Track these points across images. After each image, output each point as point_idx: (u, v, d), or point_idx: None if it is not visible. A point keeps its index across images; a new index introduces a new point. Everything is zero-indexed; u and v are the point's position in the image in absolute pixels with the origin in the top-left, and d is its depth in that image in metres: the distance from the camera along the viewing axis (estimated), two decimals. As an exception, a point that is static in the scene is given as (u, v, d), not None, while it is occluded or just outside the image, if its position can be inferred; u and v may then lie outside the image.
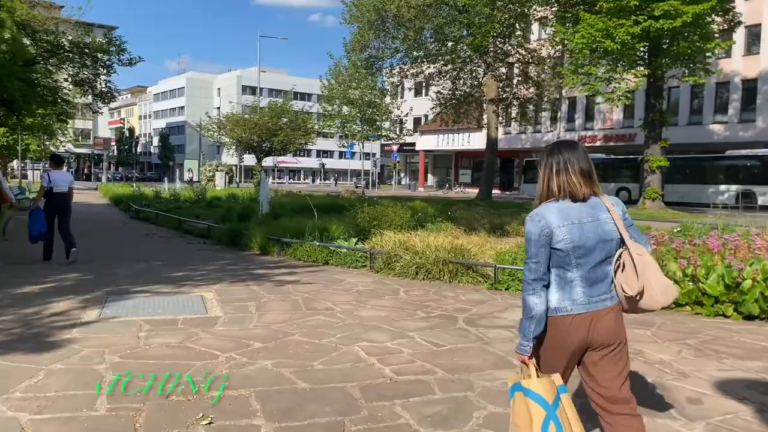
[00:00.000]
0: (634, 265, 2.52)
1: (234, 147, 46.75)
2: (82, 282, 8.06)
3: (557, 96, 35.82)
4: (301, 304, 6.91)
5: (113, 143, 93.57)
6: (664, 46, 20.39)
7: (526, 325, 2.58)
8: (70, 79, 19.32)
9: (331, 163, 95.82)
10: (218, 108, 79.23)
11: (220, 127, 45.56)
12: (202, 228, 14.71)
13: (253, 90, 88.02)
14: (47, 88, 17.55)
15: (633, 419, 2.64)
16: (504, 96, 33.13)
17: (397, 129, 44.13)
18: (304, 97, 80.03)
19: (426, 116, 56.11)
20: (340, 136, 45.84)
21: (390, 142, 50.59)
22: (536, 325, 2.57)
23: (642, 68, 20.67)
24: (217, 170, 47.39)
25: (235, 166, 59.35)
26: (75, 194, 11.00)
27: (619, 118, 44.28)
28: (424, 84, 57.17)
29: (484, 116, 37.05)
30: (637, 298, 2.56)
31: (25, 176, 42.68)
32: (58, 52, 17.74)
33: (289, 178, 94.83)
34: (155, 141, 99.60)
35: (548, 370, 2.64)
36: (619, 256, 2.58)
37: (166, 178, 39.46)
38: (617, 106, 22.30)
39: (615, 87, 21.37)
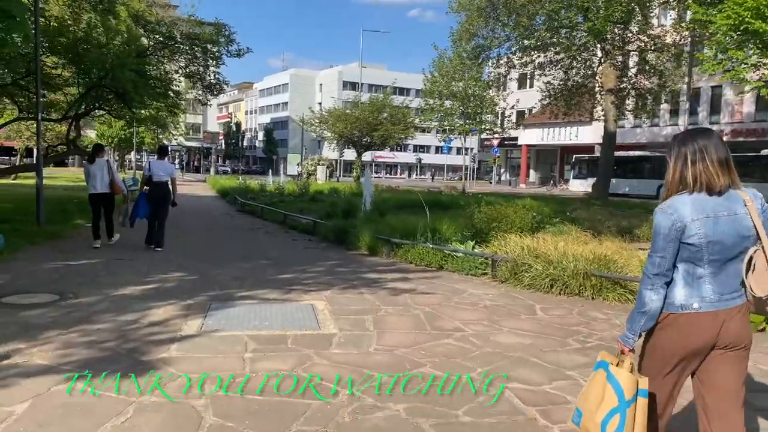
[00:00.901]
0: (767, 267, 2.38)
1: (335, 141, 46.80)
2: (185, 283, 7.52)
3: (681, 86, 32.68)
4: (423, 321, 5.93)
5: (221, 137, 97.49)
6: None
7: (636, 319, 2.48)
8: (180, 72, 19.50)
9: (428, 158, 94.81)
10: (320, 103, 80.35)
11: (322, 122, 45.72)
12: (307, 224, 14.15)
13: (353, 85, 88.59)
14: (158, 80, 17.70)
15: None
16: (622, 86, 30.64)
17: (499, 122, 42.35)
18: (403, 91, 79.39)
19: (530, 110, 53.75)
20: (439, 131, 44.73)
21: (491, 136, 48.79)
22: (647, 321, 2.46)
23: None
24: (318, 164, 47.69)
25: (336, 160, 59.76)
26: (183, 185, 10.84)
27: (750, 111, 40.16)
28: (529, 75, 54.94)
29: (598, 108, 34.63)
30: (765, 299, 2.40)
31: (140, 168, 44.83)
32: (169, 44, 17.85)
33: (386, 173, 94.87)
34: (260, 135, 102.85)
35: (655, 372, 2.51)
36: (753, 253, 2.41)
37: (270, 171, 39.96)
38: (766, 95, 19.70)
39: (764, 74, 18.82)
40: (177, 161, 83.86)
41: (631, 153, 41.90)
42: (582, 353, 5.04)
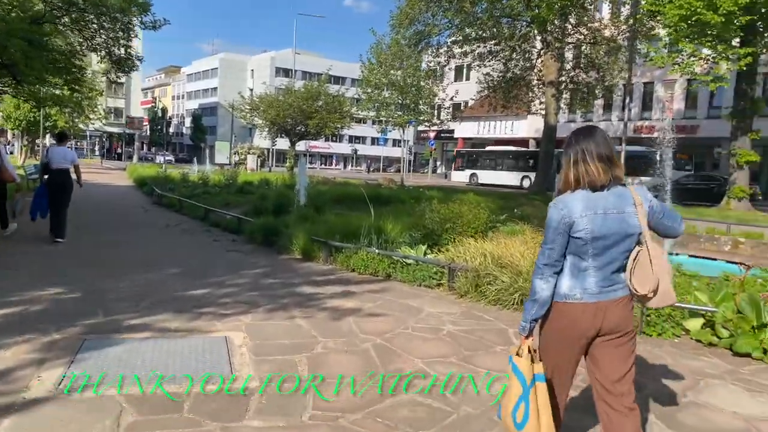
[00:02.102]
0: (651, 266, 2.53)
1: (267, 129, 44.52)
2: (60, 304, 5.78)
3: (620, 81, 32.60)
4: (375, 360, 4.50)
5: (146, 123, 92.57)
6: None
7: (529, 307, 2.64)
8: (86, 44, 17.13)
9: (364, 149, 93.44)
10: (251, 89, 77.34)
11: (253, 108, 43.33)
12: (232, 221, 12.43)
13: (287, 72, 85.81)
14: (58, 52, 15.36)
15: (632, 411, 2.63)
16: (561, 79, 30.17)
17: (436, 115, 41.37)
18: (339, 80, 77.60)
19: (466, 102, 53.21)
20: (375, 122, 43.49)
21: (428, 128, 47.86)
22: (538, 309, 2.61)
23: (741, 48, 17.66)
24: (249, 153, 45.34)
25: (267, 149, 57.37)
26: (99, 174, 9.43)
27: (681, 108, 40.88)
28: (466, 67, 54.37)
29: (536, 102, 34.20)
30: (649, 296, 2.58)
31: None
32: (71, 10, 15.49)
33: (321, 164, 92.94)
34: (187, 122, 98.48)
35: (549, 355, 2.67)
36: (637, 253, 2.55)
37: (195, 159, 37.37)
38: (714, 90, 19.45)
39: (713, 68, 18.45)
40: (97, 147, 79.03)
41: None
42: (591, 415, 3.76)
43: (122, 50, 17.60)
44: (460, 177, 45.18)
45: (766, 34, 18.34)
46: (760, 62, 19.75)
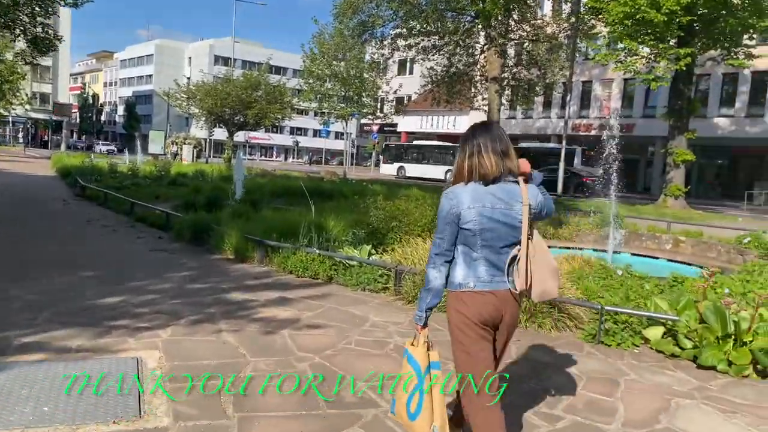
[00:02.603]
0: (527, 264, 2.63)
1: (204, 119, 42.87)
2: (-57, 316, 4.91)
3: (561, 79, 32.93)
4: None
5: (75, 110, 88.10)
6: (710, 23, 17.62)
7: (423, 296, 2.70)
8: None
9: (305, 141, 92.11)
10: (188, 78, 74.76)
11: (189, 97, 41.60)
12: (160, 216, 11.50)
13: (225, 61, 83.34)
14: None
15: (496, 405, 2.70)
16: (504, 75, 30.13)
17: (379, 108, 40.84)
18: (280, 71, 75.98)
19: (410, 96, 52.96)
20: (317, 114, 42.67)
21: (371, 121, 47.32)
22: (432, 298, 2.67)
23: (680, 49, 17.89)
24: (185, 143, 43.61)
25: (205, 140, 55.45)
26: (21, 163, 8.20)
27: (617, 107, 41.84)
28: (410, 61, 54.01)
29: (478, 97, 34.15)
30: (526, 293, 2.69)
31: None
32: (-21, -19, 14.12)
33: (261, 155, 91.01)
34: (120, 110, 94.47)
35: (461, 347, 2.68)
36: (518, 250, 2.64)
37: (126, 150, 35.45)
38: (655, 89, 19.69)
39: (654, 66, 18.63)
40: (21, 135, 74.50)
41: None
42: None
43: (39, 28, 16.17)
44: (388, 170, 46.00)
45: (703, 36, 18.67)
46: (696, 63, 20.13)
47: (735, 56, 19.00)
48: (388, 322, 5.56)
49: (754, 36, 19.31)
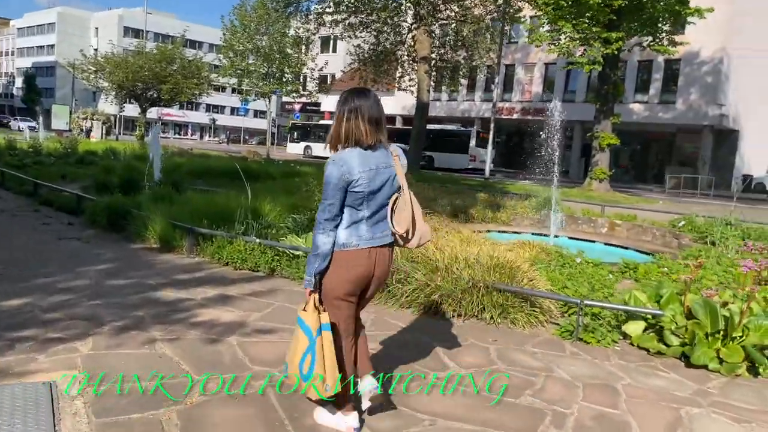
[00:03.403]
0: (411, 210, 2.86)
1: (114, 93, 40.09)
2: None
3: (488, 62, 32.94)
4: (279, 411, 3.20)
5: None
6: (638, 8, 17.81)
7: (312, 261, 2.80)
8: None
9: (223, 120, 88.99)
10: (96, 49, 69.95)
11: (98, 69, 38.68)
12: (69, 198, 10.23)
13: (136, 33, 78.61)
14: None
15: (361, 328, 3.08)
16: (432, 56, 29.76)
17: (302, 86, 39.56)
18: (196, 45, 72.50)
19: (334, 75, 51.79)
20: (235, 90, 40.90)
21: (294, 99, 45.84)
22: (321, 262, 2.78)
23: (612, 32, 18.01)
24: (93, 119, 40.67)
25: (114, 116, 52.09)
26: None
27: (538, 91, 42.62)
28: (333, 38, 52.75)
29: (405, 78, 33.68)
30: (406, 236, 2.89)
31: None
32: None
33: (175, 133, 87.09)
34: (18, 82, 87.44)
35: (335, 303, 2.86)
36: (396, 198, 2.86)
37: (23, 125, 32.44)
38: (588, 72, 19.82)
39: (587, 50, 18.70)
40: None
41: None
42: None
43: None
44: (295, 149, 45.61)
45: (631, 20, 18.90)
46: (623, 48, 20.44)
47: (660, 42, 19.43)
48: (349, 323, 4.90)
49: (677, 23, 19.78)
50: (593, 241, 12.16)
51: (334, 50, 56.10)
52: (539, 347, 4.66)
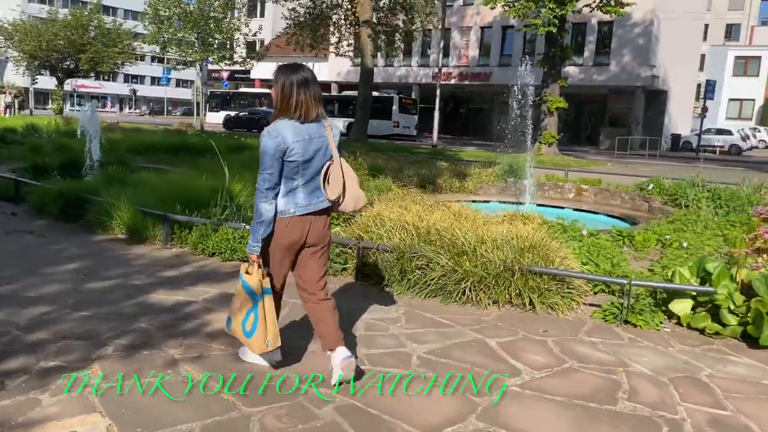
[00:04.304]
0: (342, 177, 3.07)
1: (26, 64, 36.88)
2: None
3: (428, 26, 32.29)
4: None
5: None
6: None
7: (257, 228, 3.00)
8: None
9: (143, 90, 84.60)
10: (-4, 16, 64.39)
11: (6, 38, 35.34)
12: (4, 184, 9.02)
13: (42, -2, 73.05)
14: None
15: (327, 300, 3.23)
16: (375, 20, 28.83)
17: (233, 53, 37.61)
18: (108, 10, 67.93)
19: (261, 41, 49.76)
20: (154, 59, 38.64)
21: (221, 68, 43.65)
22: (266, 228, 2.99)
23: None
24: (1, 92, 37.39)
25: (26, 89, 48.22)
26: None
27: (475, 56, 42.42)
28: (260, 2, 50.60)
29: (344, 43, 32.62)
30: (339, 201, 3.10)
31: None
32: None
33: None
34: None
35: (275, 265, 3.14)
36: (328, 166, 3.04)
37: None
38: (542, 34, 19.56)
39: (542, 12, 18.40)
40: None
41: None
42: None
43: None
44: (214, 119, 43.70)
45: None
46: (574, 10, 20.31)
47: (609, 3, 19.41)
48: (382, 321, 4.35)
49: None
50: (562, 207, 12.00)
51: (263, 15, 53.92)
52: (594, 335, 4.27)
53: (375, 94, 39.36)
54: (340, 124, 27.11)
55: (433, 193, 11.56)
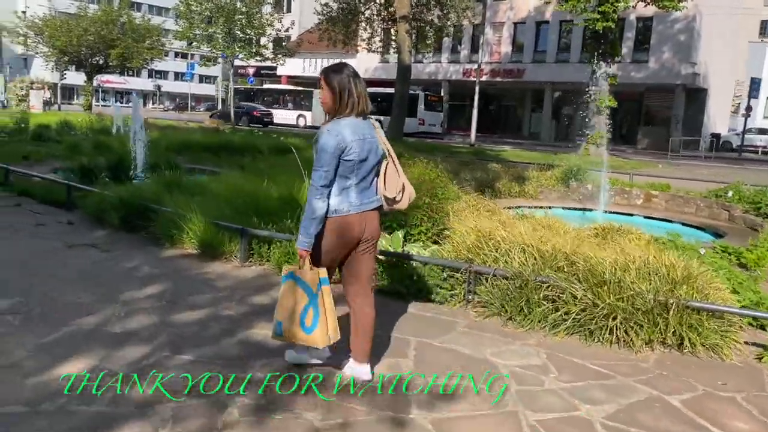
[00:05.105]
0: (397, 173, 3.18)
1: (54, 60, 36.69)
2: None
3: (465, 21, 31.43)
4: None
5: None
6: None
7: (309, 225, 3.02)
8: None
9: (166, 86, 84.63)
10: (24, 12, 64.63)
11: (37, 33, 35.11)
12: (53, 189, 8.50)
13: (68, -7, 73.27)
14: None
15: (371, 311, 3.26)
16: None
17: (265, 48, 37.10)
18: (134, 6, 67.92)
19: (288, 37, 49.21)
20: (178, 54, 38.30)
21: (247, 64, 43.14)
22: (317, 225, 3.02)
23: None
24: (32, 88, 37.27)
25: (54, 84, 48.21)
26: None
27: (508, 52, 41.50)
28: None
29: (376, 39, 31.95)
30: (396, 198, 3.18)
31: None
32: None
33: (116, 101, 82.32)
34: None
35: (326, 262, 3.15)
36: (385, 166, 3.16)
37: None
38: (600, 29, 18.66)
39: (601, 6, 17.56)
40: None
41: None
42: None
43: None
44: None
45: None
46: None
47: (668, -2, 18.51)
48: (528, 370, 3.68)
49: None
50: (631, 215, 11.27)
51: (289, 10, 53.35)
52: (786, 390, 3.57)
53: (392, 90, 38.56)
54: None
55: (492, 199, 10.91)
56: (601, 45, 20.08)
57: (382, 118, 37.29)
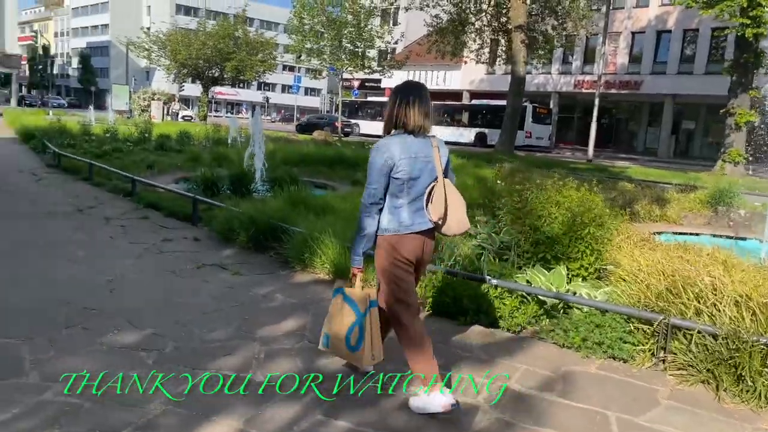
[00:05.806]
0: (445, 198, 3.00)
1: (174, 73, 38.59)
2: None
3: (582, 31, 29.88)
4: None
5: (24, 61, 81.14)
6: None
7: (359, 242, 3.03)
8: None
9: (273, 98, 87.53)
10: (148, 28, 69.07)
11: (160, 47, 37.10)
12: (178, 202, 8.37)
13: (188, 10, 77.68)
14: None
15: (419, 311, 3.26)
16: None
17: (370, 61, 37.15)
18: (247, 21, 70.89)
19: (393, 50, 49.20)
20: (285, 68, 39.09)
21: (352, 76, 43.46)
22: (367, 242, 3.03)
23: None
24: (153, 99, 39.38)
25: (174, 95, 50.94)
26: None
27: (624, 63, 39.26)
28: (394, 11, 50.20)
29: (486, 50, 31.07)
30: (440, 223, 3.03)
31: None
32: None
33: (227, 112, 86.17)
34: (74, 62, 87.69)
35: (389, 282, 3.04)
36: (432, 187, 3.01)
37: (91, 107, 31.09)
38: (750, 37, 16.94)
39: (754, 11, 15.87)
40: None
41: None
42: None
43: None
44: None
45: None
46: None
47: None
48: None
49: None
50: (771, 242, 9.71)
51: (395, 23, 53.48)
52: None
53: (503, 103, 37.48)
54: (471, 134, 26.14)
55: (629, 223, 9.78)
56: (742, 54, 18.16)
57: (487, 130, 36.40)
